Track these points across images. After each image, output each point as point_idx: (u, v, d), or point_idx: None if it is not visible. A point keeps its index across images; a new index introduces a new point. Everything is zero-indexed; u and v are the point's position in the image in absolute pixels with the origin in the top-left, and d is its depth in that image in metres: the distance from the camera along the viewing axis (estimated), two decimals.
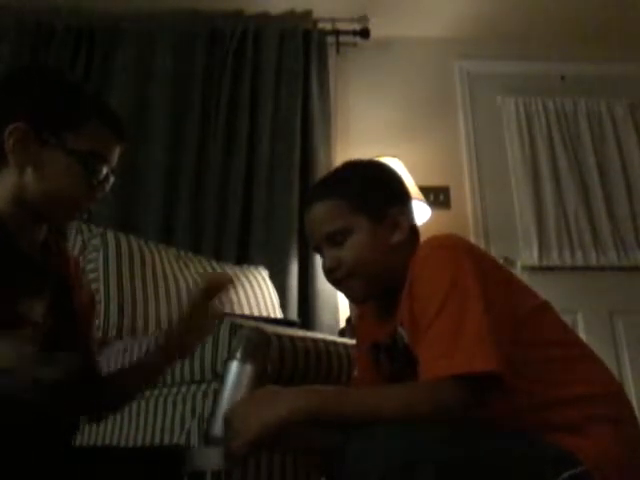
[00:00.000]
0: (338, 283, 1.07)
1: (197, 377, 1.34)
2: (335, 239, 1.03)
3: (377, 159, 1.19)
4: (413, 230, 1.08)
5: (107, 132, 1.02)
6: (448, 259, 0.92)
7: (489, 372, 0.83)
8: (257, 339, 0.93)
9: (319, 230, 1.05)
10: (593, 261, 2.78)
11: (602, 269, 2.78)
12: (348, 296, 1.10)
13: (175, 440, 1.32)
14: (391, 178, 1.13)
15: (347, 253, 1.02)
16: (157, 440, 1.36)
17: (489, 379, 0.83)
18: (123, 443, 1.43)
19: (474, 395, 0.84)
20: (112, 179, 1.05)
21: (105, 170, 1.01)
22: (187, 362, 1.35)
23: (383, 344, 1.08)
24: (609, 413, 0.91)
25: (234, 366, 0.89)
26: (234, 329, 1.30)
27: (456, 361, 0.84)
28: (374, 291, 1.06)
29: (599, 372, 0.97)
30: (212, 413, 0.87)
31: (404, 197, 1.11)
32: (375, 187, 1.07)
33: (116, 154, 1.06)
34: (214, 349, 1.31)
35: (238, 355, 0.89)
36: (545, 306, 1.00)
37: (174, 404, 1.36)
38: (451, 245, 0.96)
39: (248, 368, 0.88)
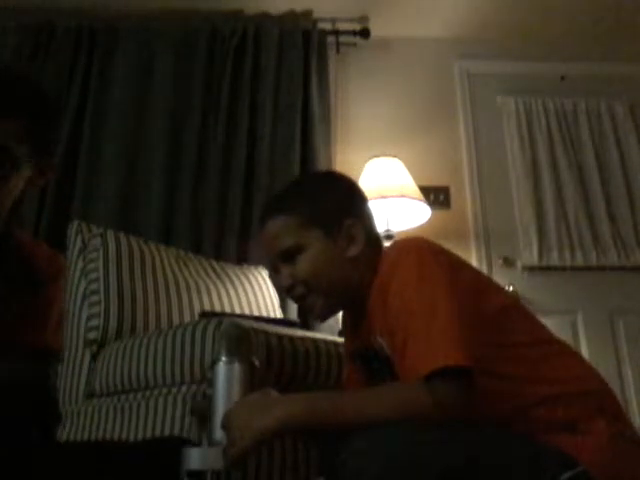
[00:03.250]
0: (298, 301, 1.05)
1: (197, 377, 1.34)
2: (289, 256, 1.01)
3: (330, 170, 1.16)
4: (373, 238, 1.06)
5: None
6: (415, 264, 0.92)
7: (453, 367, 0.82)
8: (237, 334, 0.92)
9: (272, 248, 1.04)
10: (593, 261, 2.78)
11: (602, 269, 2.78)
12: (309, 313, 1.08)
13: None
14: (344, 188, 1.10)
15: (300, 269, 1.00)
16: None
17: (459, 375, 0.82)
18: None
19: (445, 393, 0.83)
20: (24, 169, 0.98)
21: None
22: (187, 362, 1.35)
23: (357, 353, 1.08)
24: (598, 408, 0.91)
25: (221, 369, 0.89)
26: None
27: (424, 361, 0.84)
28: (334, 306, 1.05)
29: (581, 368, 0.97)
30: (209, 419, 0.87)
31: (359, 208, 1.07)
32: (327, 199, 1.05)
33: (10, 135, 0.95)
34: (214, 348, 1.31)
35: (223, 357, 0.89)
36: (514, 304, 0.99)
37: (174, 404, 1.36)
38: (416, 248, 0.95)
39: (236, 367, 0.88)
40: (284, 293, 1.05)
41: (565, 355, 0.98)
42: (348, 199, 1.08)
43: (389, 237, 2.41)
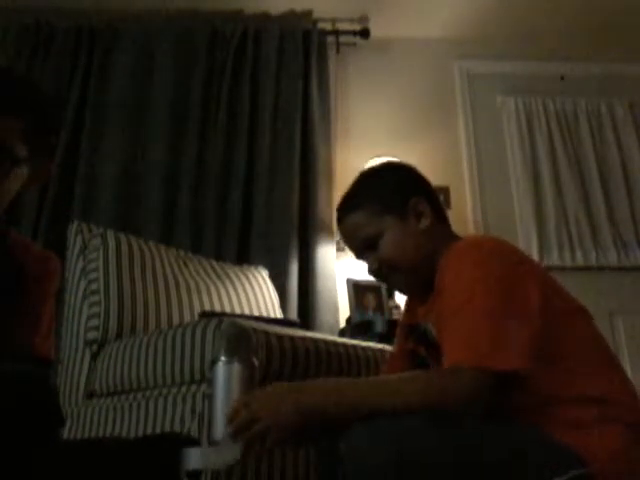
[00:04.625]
0: (385, 281, 1.17)
1: (197, 377, 1.34)
2: (371, 244, 1.10)
3: (387, 160, 1.31)
4: (440, 213, 1.15)
5: None
6: (476, 257, 0.97)
7: (513, 370, 0.85)
8: (236, 334, 0.92)
9: (355, 241, 1.14)
10: (593, 261, 2.78)
11: (602, 269, 2.78)
12: (395, 290, 1.23)
13: None
14: (401, 173, 1.19)
15: (383, 252, 1.09)
16: None
17: (510, 376, 0.85)
18: None
19: (491, 388, 0.85)
20: (22, 168, 0.98)
21: (7, 161, 0.94)
22: (187, 361, 1.35)
23: (416, 327, 1.13)
24: (623, 416, 0.91)
25: (221, 369, 0.89)
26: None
27: (480, 353, 0.86)
28: (417, 281, 1.11)
29: (618, 376, 0.98)
30: (210, 418, 0.87)
31: (419, 186, 1.16)
32: (390, 187, 1.14)
33: (17, 138, 0.96)
34: (214, 348, 1.31)
35: (222, 357, 0.89)
36: (577, 310, 1.01)
37: (174, 404, 1.36)
38: (478, 246, 1.01)
39: (235, 367, 0.88)
40: (372, 276, 1.16)
41: (609, 362, 0.99)
42: (408, 181, 1.17)
43: None
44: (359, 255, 1.16)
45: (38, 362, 1.08)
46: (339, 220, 1.18)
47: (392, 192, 1.13)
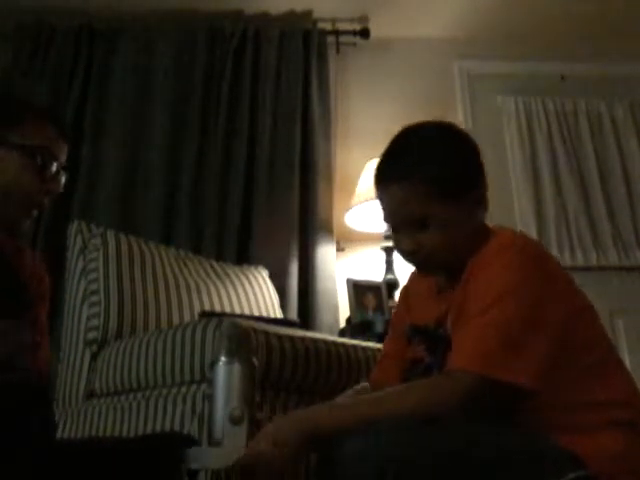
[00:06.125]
0: (413, 262, 1.01)
1: (197, 377, 1.34)
2: (417, 223, 0.95)
3: (449, 122, 1.07)
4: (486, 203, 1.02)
5: (50, 128, 1.10)
6: (510, 263, 0.91)
7: (517, 384, 0.83)
8: (237, 334, 0.92)
9: (400, 212, 0.97)
10: (593, 261, 2.78)
11: (602, 269, 2.78)
12: (418, 270, 1.05)
13: None
14: (471, 150, 1.03)
15: (429, 241, 0.95)
16: None
17: (516, 390, 0.83)
18: None
19: (488, 397, 0.84)
20: (64, 177, 1.12)
21: (55, 165, 1.08)
22: (187, 362, 1.35)
23: (423, 327, 1.05)
24: (625, 419, 0.90)
25: (221, 369, 0.89)
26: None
27: (490, 363, 0.84)
28: (448, 270, 1.01)
29: (622, 379, 0.97)
30: (210, 418, 0.87)
31: (481, 171, 1.02)
32: (458, 165, 0.99)
33: (63, 151, 1.12)
34: (214, 348, 1.31)
35: (223, 357, 0.89)
36: (587, 310, 0.99)
37: (174, 404, 1.36)
38: (518, 248, 0.93)
39: (236, 367, 0.88)
40: (399, 253, 1.01)
41: (613, 364, 0.98)
42: (477, 163, 1.01)
43: (389, 238, 2.41)
44: (393, 227, 1.00)
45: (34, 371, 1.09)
46: (386, 181, 0.99)
47: (455, 176, 0.96)
